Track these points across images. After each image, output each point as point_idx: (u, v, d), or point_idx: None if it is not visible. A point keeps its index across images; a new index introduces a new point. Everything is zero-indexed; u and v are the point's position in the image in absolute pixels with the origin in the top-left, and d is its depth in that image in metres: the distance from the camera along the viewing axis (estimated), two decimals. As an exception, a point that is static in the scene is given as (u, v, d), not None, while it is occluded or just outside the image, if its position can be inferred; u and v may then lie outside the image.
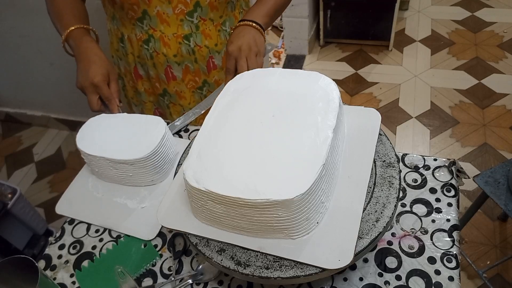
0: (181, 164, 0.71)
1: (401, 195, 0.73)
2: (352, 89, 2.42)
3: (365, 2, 2.40)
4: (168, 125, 0.94)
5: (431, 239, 0.69)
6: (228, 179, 0.54)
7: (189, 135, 0.94)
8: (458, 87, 2.32)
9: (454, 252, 0.67)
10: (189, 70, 1.02)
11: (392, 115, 2.22)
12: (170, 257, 0.74)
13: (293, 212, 0.51)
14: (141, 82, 1.07)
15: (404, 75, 2.46)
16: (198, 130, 0.91)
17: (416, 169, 0.80)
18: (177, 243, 0.74)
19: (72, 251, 0.78)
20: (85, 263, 0.75)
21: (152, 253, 0.74)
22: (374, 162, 0.64)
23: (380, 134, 0.68)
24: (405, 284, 0.65)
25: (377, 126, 0.67)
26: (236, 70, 0.84)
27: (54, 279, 0.75)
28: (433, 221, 0.71)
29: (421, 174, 0.79)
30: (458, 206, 0.74)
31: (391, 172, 0.63)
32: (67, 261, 0.76)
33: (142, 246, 0.76)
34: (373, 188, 0.61)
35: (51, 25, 0.92)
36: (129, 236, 0.77)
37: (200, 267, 0.71)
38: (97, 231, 0.80)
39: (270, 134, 0.59)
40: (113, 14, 0.97)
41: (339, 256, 0.52)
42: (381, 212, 0.58)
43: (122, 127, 0.82)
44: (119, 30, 0.98)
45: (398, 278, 0.65)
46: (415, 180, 0.78)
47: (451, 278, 0.64)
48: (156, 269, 0.73)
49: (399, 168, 0.63)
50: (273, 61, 2.69)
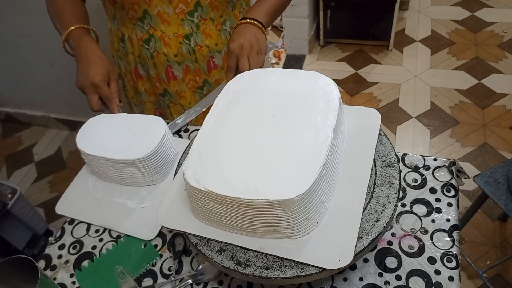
0: (181, 164, 0.71)
1: (401, 195, 0.73)
2: (352, 89, 2.42)
3: (365, 2, 2.40)
4: (170, 123, 0.94)
5: (431, 239, 0.69)
6: (228, 179, 0.54)
7: (189, 135, 0.94)
8: (458, 87, 2.32)
9: (454, 252, 0.67)
10: (190, 69, 1.02)
11: (392, 115, 2.22)
12: (170, 257, 0.74)
13: (293, 212, 0.51)
14: (142, 82, 1.07)
15: (404, 75, 2.46)
16: (198, 130, 0.91)
17: (416, 169, 0.80)
18: (177, 243, 0.74)
19: (72, 251, 0.78)
20: (85, 263, 0.75)
21: (152, 253, 0.74)
22: (374, 162, 0.64)
23: (380, 134, 0.68)
24: (405, 284, 0.65)
25: (377, 126, 0.67)
26: (237, 68, 0.84)
27: (54, 279, 0.75)
28: (433, 221, 0.71)
29: (421, 174, 0.79)
30: (458, 206, 0.74)
31: (391, 172, 0.63)
32: (67, 261, 0.76)
33: (142, 246, 0.76)
34: (373, 188, 0.61)
35: (51, 25, 0.92)
36: (129, 236, 0.77)
37: (200, 267, 0.71)
38: (97, 231, 0.80)
39: (270, 134, 0.59)
40: (114, 14, 0.97)
41: (339, 256, 0.53)
42: (381, 212, 0.58)
43: (122, 127, 0.82)
44: (120, 30, 0.98)
45: (398, 278, 0.65)
46: (415, 180, 0.78)
47: (451, 278, 0.64)
48: (156, 269, 0.73)
49: (399, 168, 0.63)
50: (273, 61, 2.69)
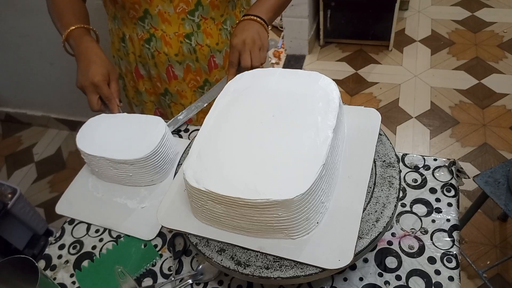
0: (181, 164, 0.71)
1: (401, 195, 0.73)
2: (352, 89, 2.42)
3: (365, 2, 2.40)
4: (171, 120, 0.94)
5: (431, 239, 0.69)
6: (228, 179, 0.54)
7: (189, 135, 0.94)
8: (458, 87, 2.32)
9: (454, 252, 0.67)
10: (190, 69, 1.02)
11: (392, 115, 2.22)
12: (170, 257, 0.74)
13: (293, 212, 0.51)
14: (142, 82, 1.07)
15: (404, 75, 2.46)
16: (198, 130, 0.91)
17: (416, 169, 0.80)
18: (177, 243, 0.74)
19: (72, 251, 0.78)
20: (85, 263, 0.75)
21: (152, 253, 0.74)
22: (374, 162, 0.64)
23: (380, 134, 0.68)
24: (405, 284, 0.65)
25: (377, 126, 0.67)
26: (239, 63, 0.84)
27: (54, 279, 0.75)
28: (433, 221, 0.71)
29: (421, 174, 0.79)
30: (458, 206, 0.74)
31: (391, 172, 0.63)
32: (67, 261, 0.76)
33: (142, 246, 0.76)
34: (373, 188, 0.61)
35: (51, 25, 0.92)
36: (129, 236, 0.77)
37: (200, 267, 0.71)
38: (97, 231, 0.80)
39: (270, 134, 0.59)
40: (115, 13, 0.97)
41: (339, 256, 0.53)
42: (381, 212, 0.58)
43: (122, 127, 0.82)
44: (121, 30, 0.98)
45: (398, 278, 0.65)
46: (415, 180, 0.78)
47: (451, 278, 0.64)
48: (156, 269, 0.73)
49: (399, 168, 0.63)
50: (273, 61, 2.69)
